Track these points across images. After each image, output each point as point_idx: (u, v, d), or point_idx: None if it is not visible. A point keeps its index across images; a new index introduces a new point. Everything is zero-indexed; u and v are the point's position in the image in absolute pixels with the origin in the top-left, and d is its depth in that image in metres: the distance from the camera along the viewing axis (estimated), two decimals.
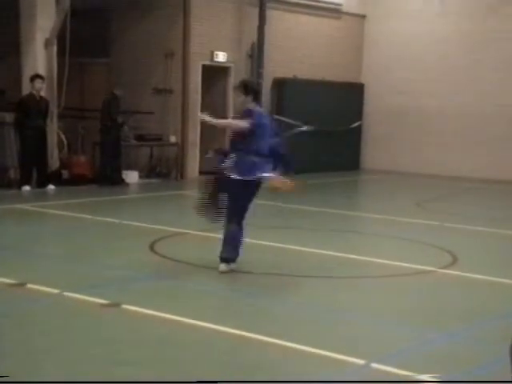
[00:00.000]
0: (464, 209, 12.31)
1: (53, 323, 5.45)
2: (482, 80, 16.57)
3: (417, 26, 17.43)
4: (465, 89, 16.79)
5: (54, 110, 13.15)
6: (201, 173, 15.35)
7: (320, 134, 16.66)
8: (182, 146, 14.94)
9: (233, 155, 6.79)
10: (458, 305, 6.28)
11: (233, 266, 6.90)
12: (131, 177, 13.95)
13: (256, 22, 15.61)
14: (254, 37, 15.71)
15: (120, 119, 13.48)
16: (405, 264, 7.67)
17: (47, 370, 4.46)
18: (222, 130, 6.63)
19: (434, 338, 5.38)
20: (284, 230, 7.45)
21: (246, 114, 6.84)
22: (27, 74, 12.86)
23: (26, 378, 4.29)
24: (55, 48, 13.11)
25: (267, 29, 15.73)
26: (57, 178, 13.08)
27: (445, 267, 7.58)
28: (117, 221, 9.75)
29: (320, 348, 4.91)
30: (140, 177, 14.31)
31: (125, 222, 9.66)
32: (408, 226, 10.26)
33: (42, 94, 12.75)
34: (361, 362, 4.72)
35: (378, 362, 4.71)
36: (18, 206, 10.85)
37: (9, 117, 12.86)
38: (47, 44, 13.01)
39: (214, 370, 4.57)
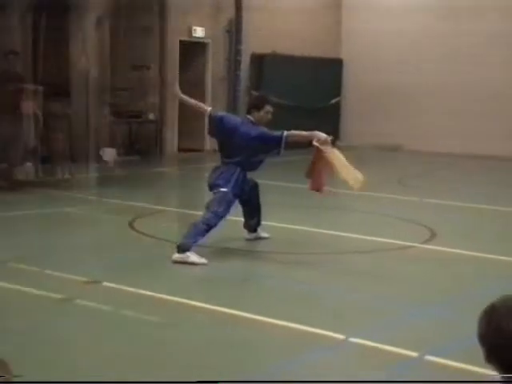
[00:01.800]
0: (445, 184, 12.36)
1: (33, 301, 5.41)
2: (462, 55, 16.58)
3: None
4: (445, 64, 16.80)
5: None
6: (180, 150, 15.27)
7: (299, 109, 16.62)
8: (160, 123, 14.83)
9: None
10: (436, 279, 6.32)
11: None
12: (109, 154, 13.80)
13: None
14: (232, 12, 15.57)
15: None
16: (384, 239, 7.70)
17: (30, 351, 4.43)
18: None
19: (414, 313, 5.41)
20: (264, 208, 7.45)
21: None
22: (1, 49, 12.64)
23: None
24: (30, 22, 12.86)
25: (245, 4, 15.59)
26: (33, 155, 12.89)
27: (424, 242, 7.62)
28: (95, 198, 9.68)
29: (300, 323, 4.92)
30: (118, 154, 14.17)
31: (103, 200, 9.60)
32: (388, 201, 10.30)
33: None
34: (341, 336, 4.75)
35: (358, 336, 4.74)
36: None
37: None
38: (22, 18, 12.77)
39: (195, 346, 4.57)
